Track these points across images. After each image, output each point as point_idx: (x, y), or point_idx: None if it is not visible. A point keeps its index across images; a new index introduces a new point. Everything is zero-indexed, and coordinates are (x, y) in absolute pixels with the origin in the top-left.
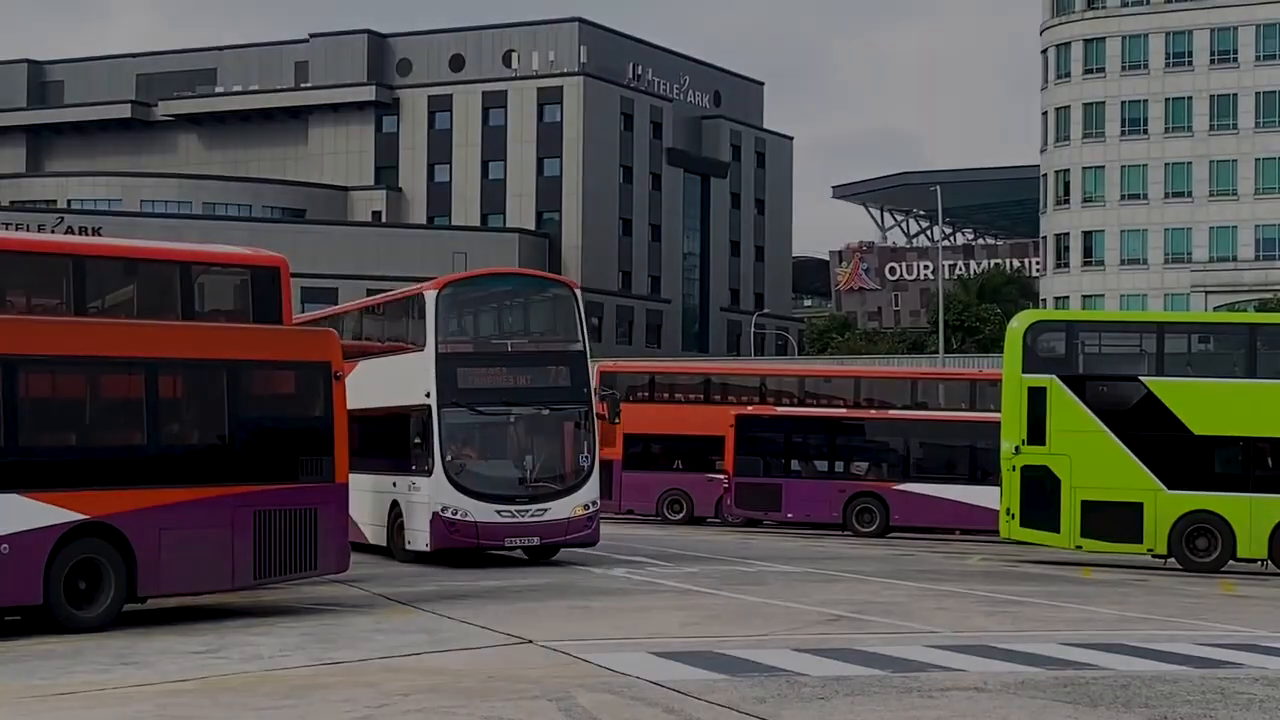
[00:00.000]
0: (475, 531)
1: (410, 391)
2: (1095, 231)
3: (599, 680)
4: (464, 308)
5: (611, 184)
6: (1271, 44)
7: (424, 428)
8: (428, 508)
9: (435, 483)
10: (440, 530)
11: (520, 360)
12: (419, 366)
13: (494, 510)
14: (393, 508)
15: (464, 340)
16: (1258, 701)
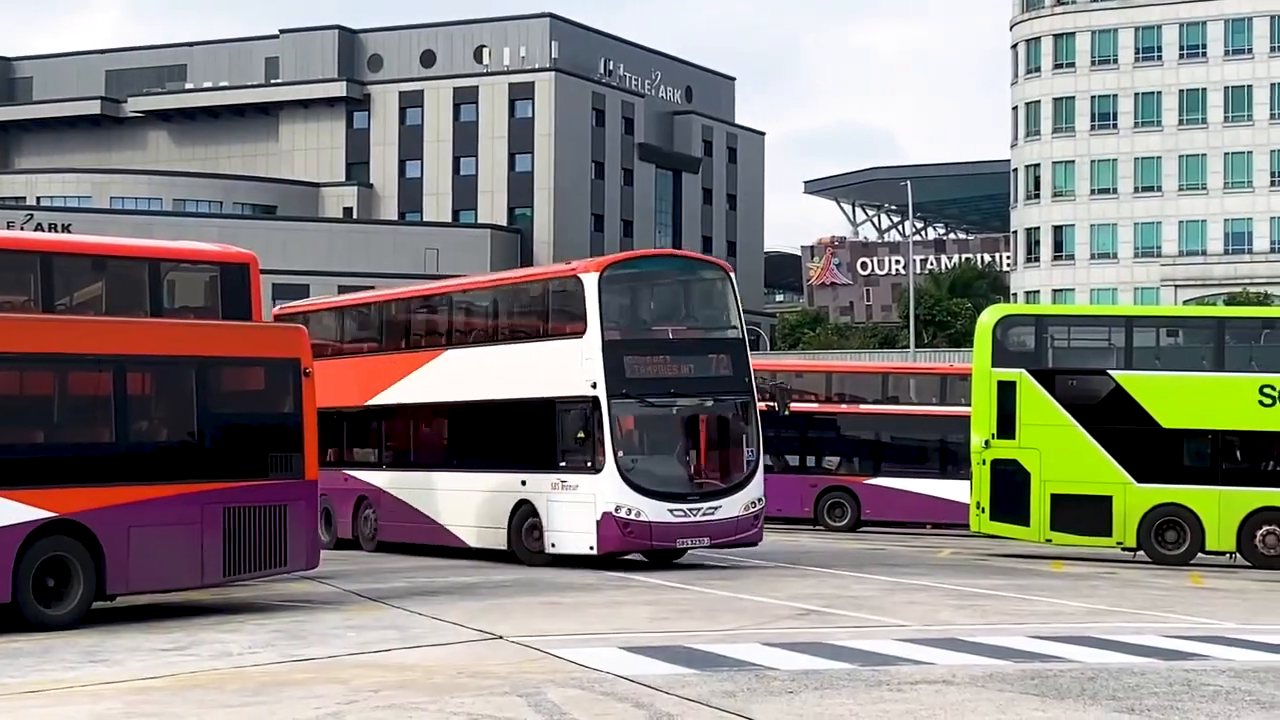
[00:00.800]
0: (649, 532)
1: (558, 381)
2: (1065, 226)
3: (569, 676)
4: (624, 291)
5: (583, 180)
6: (1240, 39)
7: (586, 421)
8: (593, 507)
9: (606, 480)
10: (612, 531)
11: (684, 348)
12: (576, 354)
13: (667, 509)
14: (518, 508)
15: (627, 327)
16: (1224, 693)
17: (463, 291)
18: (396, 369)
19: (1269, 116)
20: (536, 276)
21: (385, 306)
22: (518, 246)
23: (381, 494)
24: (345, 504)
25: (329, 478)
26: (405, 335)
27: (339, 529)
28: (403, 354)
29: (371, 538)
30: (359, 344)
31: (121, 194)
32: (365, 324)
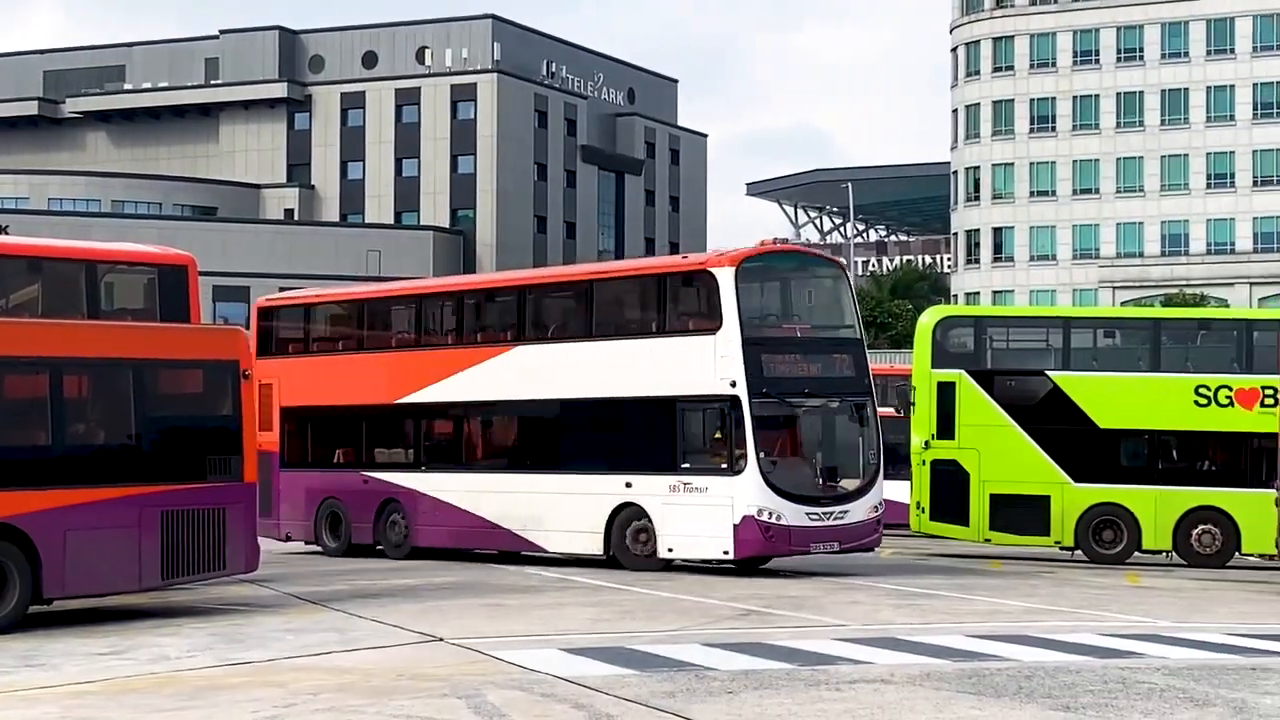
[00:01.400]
0: (788, 537)
1: (681, 379)
2: (1005, 228)
3: (509, 677)
4: (755, 287)
5: (526, 181)
6: (1176, 42)
7: (723, 420)
8: (730, 510)
9: (747, 482)
10: (753, 535)
11: (813, 347)
12: (707, 351)
13: (804, 513)
14: (620, 511)
15: (760, 323)
16: (1158, 691)
17: (539, 285)
18: (442, 365)
19: (1205, 120)
20: (647, 269)
21: (424, 300)
22: (460, 248)
23: (418, 497)
24: (364, 507)
25: (339, 480)
26: (455, 330)
27: (353, 534)
28: (450, 349)
29: (400, 543)
30: (382, 339)
31: (59, 195)
32: (393, 318)
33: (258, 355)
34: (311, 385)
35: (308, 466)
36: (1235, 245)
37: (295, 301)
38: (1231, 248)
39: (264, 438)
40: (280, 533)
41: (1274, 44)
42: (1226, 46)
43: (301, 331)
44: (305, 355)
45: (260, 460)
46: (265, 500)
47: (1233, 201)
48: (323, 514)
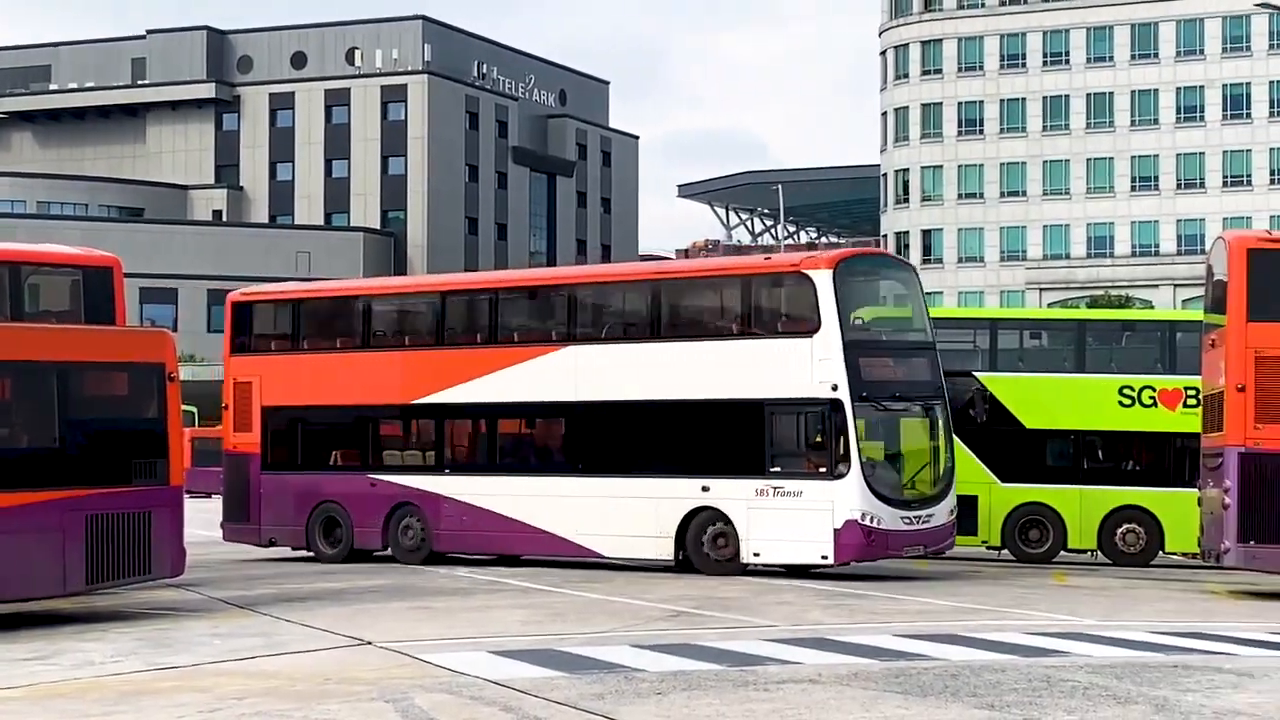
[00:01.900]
0: (886, 541)
1: (773, 382)
2: (934, 230)
3: (437, 681)
4: (849, 290)
5: (457, 183)
6: (1102, 46)
7: (823, 423)
8: (830, 514)
9: (850, 486)
10: (855, 539)
11: (899, 350)
12: (803, 354)
13: (899, 517)
14: (694, 515)
15: (860, 328)
16: (1081, 689)
17: (595, 283)
18: (472, 365)
19: (1129, 123)
20: (729, 270)
21: (450, 297)
22: (391, 250)
23: (440, 500)
24: (371, 511)
25: (338, 482)
26: (488, 328)
27: (356, 538)
28: (483, 349)
29: (416, 548)
30: (394, 337)
31: None
32: (410, 315)
33: (233, 353)
34: (302, 384)
35: (297, 469)
36: (1159, 247)
37: (281, 296)
38: (1155, 250)
39: (241, 439)
40: (261, 538)
41: (1196, 49)
42: (1151, 51)
43: (289, 328)
44: (294, 353)
45: (236, 462)
46: (242, 505)
47: (1156, 204)
48: (316, 518)
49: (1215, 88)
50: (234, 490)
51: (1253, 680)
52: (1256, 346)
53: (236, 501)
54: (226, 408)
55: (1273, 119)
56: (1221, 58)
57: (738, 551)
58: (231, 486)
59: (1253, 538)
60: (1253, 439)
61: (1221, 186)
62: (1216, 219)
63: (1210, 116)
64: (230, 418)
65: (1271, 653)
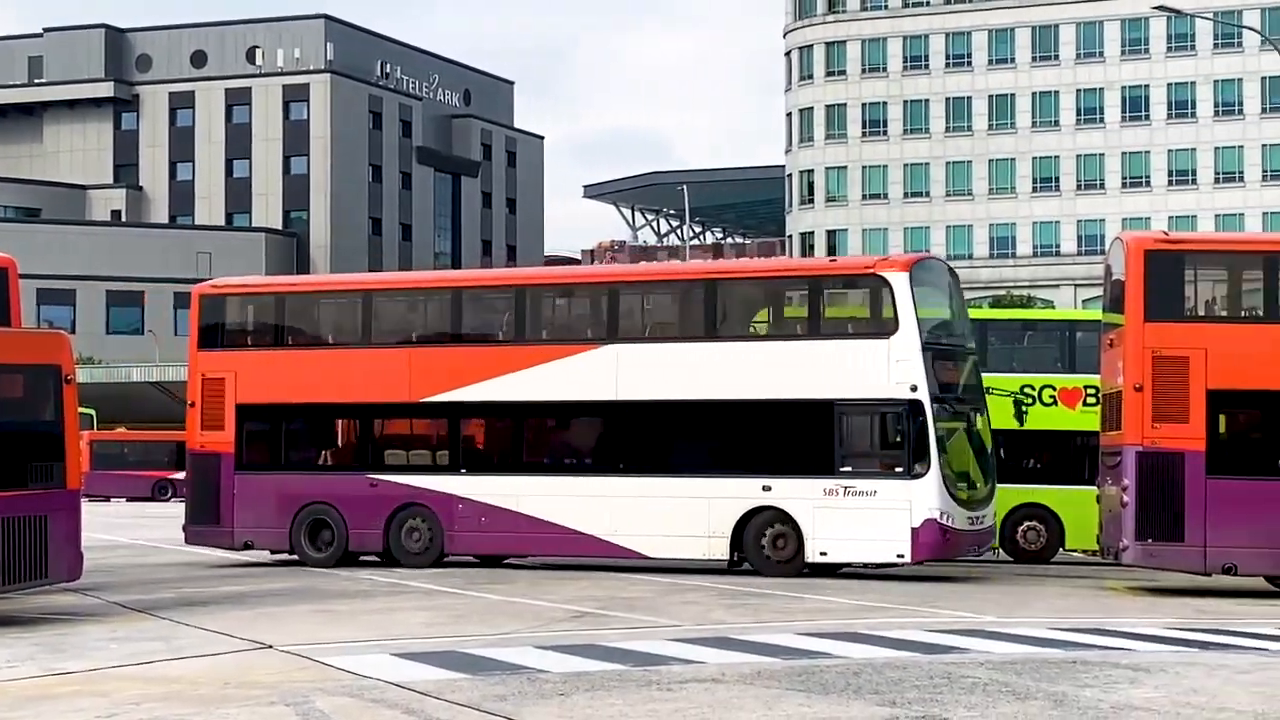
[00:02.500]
0: (958, 540)
1: (846, 382)
2: (839, 230)
3: (339, 684)
4: (921, 293)
5: (360, 183)
6: (1003, 48)
7: (900, 423)
8: (907, 514)
9: (928, 486)
10: (934, 538)
11: (959, 353)
12: (879, 355)
13: (966, 517)
14: (753, 515)
15: (929, 330)
16: (981, 685)
17: (638, 281)
18: (494, 362)
19: (1031, 124)
20: (793, 271)
21: (468, 293)
22: (294, 250)
23: (454, 501)
24: (370, 513)
25: (329, 483)
26: (515, 326)
27: (350, 540)
28: (508, 346)
29: (422, 551)
30: (401, 332)
31: None
32: (420, 311)
33: (202, 347)
34: (287, 380)
35: (279, 469)
36: (1060, 248)
37: (260, 289)
38: (1056, 250)
39: (211, 438)
40: (235, 541)
41: (1096, 51)
42: (1051, 53)
43: (271, 322)
44: (277, 348)
45: (204, 462)
46: (211, 506)
47: (1058, 205)
48: (303, 520)
49: (1115, 90)
50: (201, 491)
51: (1149, 675)
52: (1154, 346)
53: (204, 503)
54: (192, 405)
55: (1170, 121)
56: (1121, 60)
57: (797, 552)
58: (198, 488)
59: (1150, 535)
60: (1150, 438)
61: (1121, 188)
62: (1116, 220)
63: (1110, 118)
64: (197, 416)
65: (1168, 648)
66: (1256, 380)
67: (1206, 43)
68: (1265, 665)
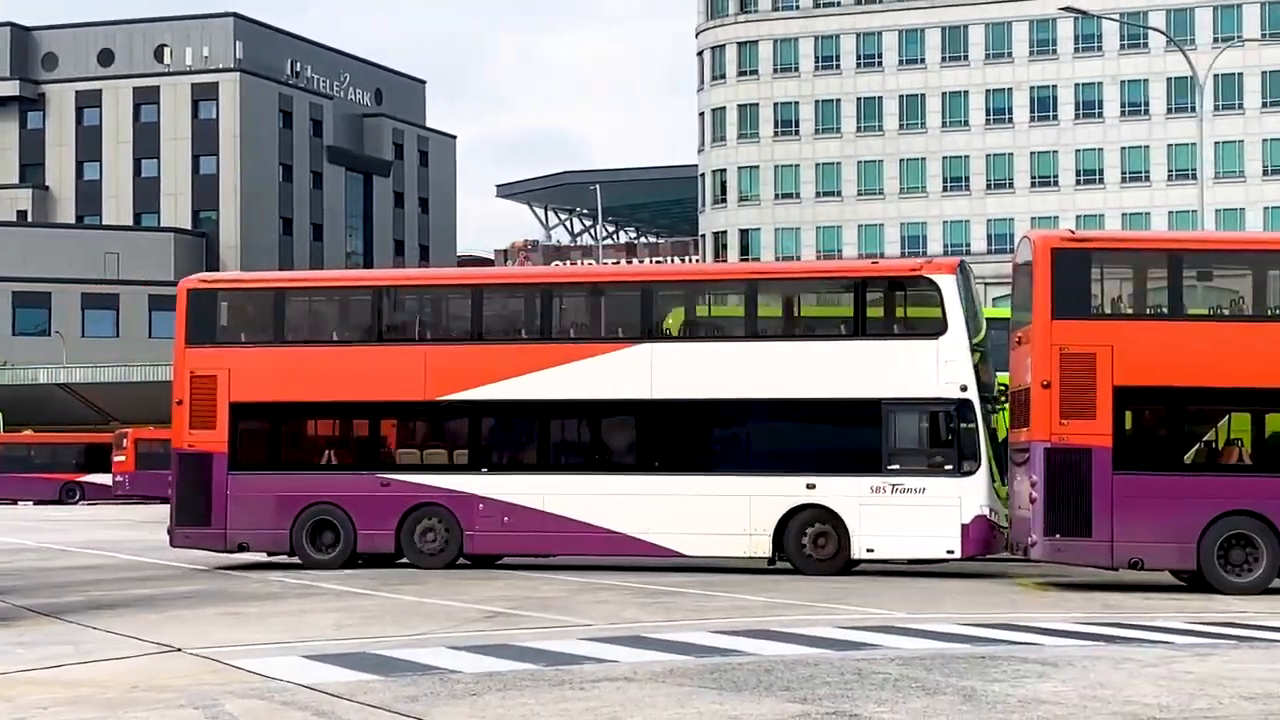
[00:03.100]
0: (1001, 536)
1: (893, 381)
2: (751, 229)
3: (248, 686)
4: (965, 295)
5: (270, 182)
6: (913, 49)
7: (952, 423)
8: (957, 510)
9: (979, 483)
10: (984, 534)
11: (986, 353)
12: (930, 356)
13: (1001, 514)
14: (795, 513)
15: (972, 331)
16: (892, 681)
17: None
18: (518, 360)
19: (941, 124)
20: (836, 272)
21: (489, 291)
22: (203, 250)
23: (474, 500)
24: (380, 513)
25: (334, 482)
26: (541, 323)
27: (359, 541)
28: (534, 345)
29: (438, 552)
30: (415, 330)
31: None
32: (438, 308)
33: (190, 343)
34: (287, 378)
35: (278, 468)
36: (970, 246)
37: (257, 284)
38: (967, 248)
39: (200, 437)
40: (228, 543)
41: (1005, 51)
42: (961, 53)
43: (269, 318)
44: (275, 345)
45: (194, 462)
46: (201, 508)
47: (968, 204)
48: (304, 521)
49: (1023, 90)
50: (189, 492)
51: (1056, 669)
52: (1061, 344)
53: (192, 504)
54: (180, 403)
55: (1078, 121)
56: (1029, 60)
57: (840, 549)
58: (186, 488)
59: (1059, 531)
60: (1058, 434)
61: (1030, 187)
62: (1025, 219)
63: (1019, 118)
64: (185, 414)
65: (1075, 642)
66: (1162, 376)
67: (1113, 44)
68: (1171, 659)
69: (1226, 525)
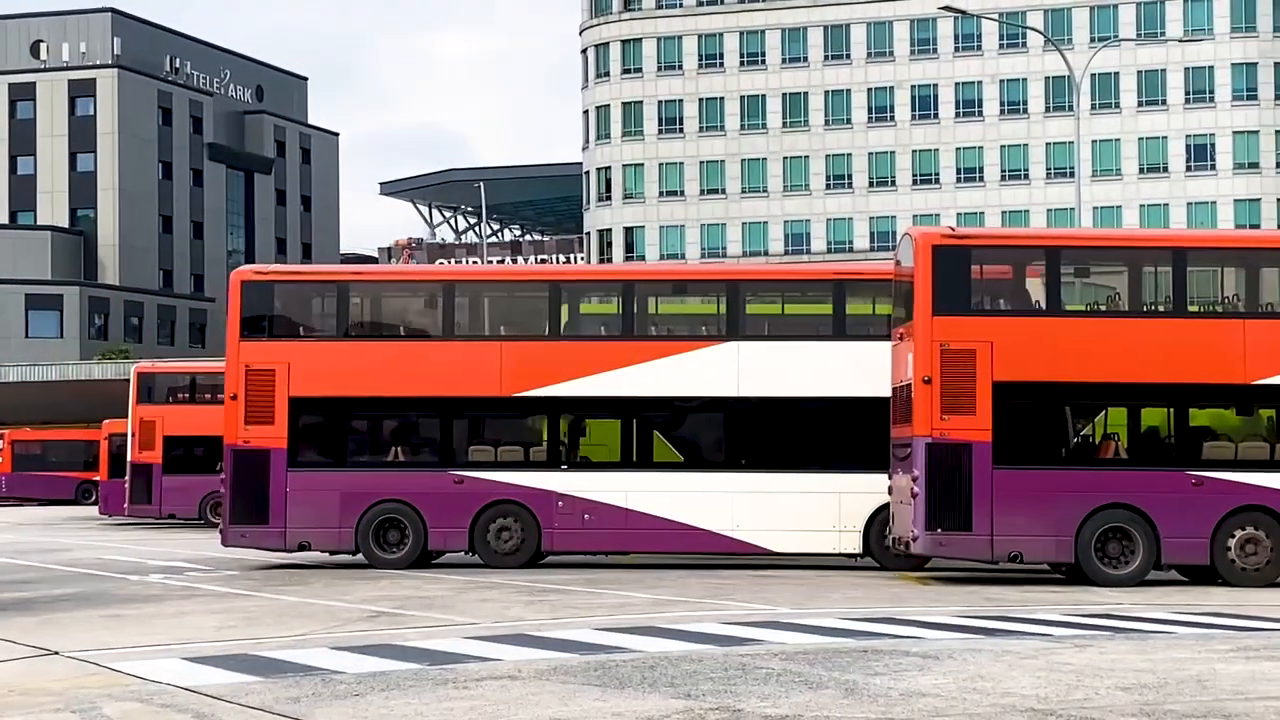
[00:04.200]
0: None
1: None
2: (636, 227)
3: (127, 689)
4: None
5: (150, 180)
6: (796, 47)
7: None
8: None
9: None
10: None
11: None
12: None
13: None
14: (882, 510)
15: None
16: (775, 675)
17: (773, 281)
18: (602, 357)
19: (824, 122)
20: None
21: (569, 286)
22: (81, 249)
23: (554, 498)
24: (453, 511)
25: (404, 480)
26: (623, 321)
27: (429, 539)
28: (614, 342)
29: (513, 551)
30: (489, 326)
31: None
32: (511, 304)
33: (245, 336)
34: (351, 373)
35: (342, 465)
36: (854, 244)
37: (319, 277)
38: (850, 246)
39: (257, 432)
40: (287, 542)
41: (887, 50)
42: (843, 52)
43: (332, 311)
44: (339, 339)
45: (250, 459)
46: (258, 505)
47: (850, 202)
48: (371, 520)
49: (904, 88)
50: (245, 490)
51: (937, 662)
52: (942, 340)
53: (249, 502)
54: (234, 398)
55: (959, 119)
56: (910, 59)
57: None
58: (241, 486)
59: (940, 525)
60: (939, 429)
61: (911, 185)
62: (907, 216)
63: (900, 116)
64: (239, 409)
65: (956, 635)
66: (1040, 372)
67: (993, 43)
68: (1049, 650)
69: (1103, 518)
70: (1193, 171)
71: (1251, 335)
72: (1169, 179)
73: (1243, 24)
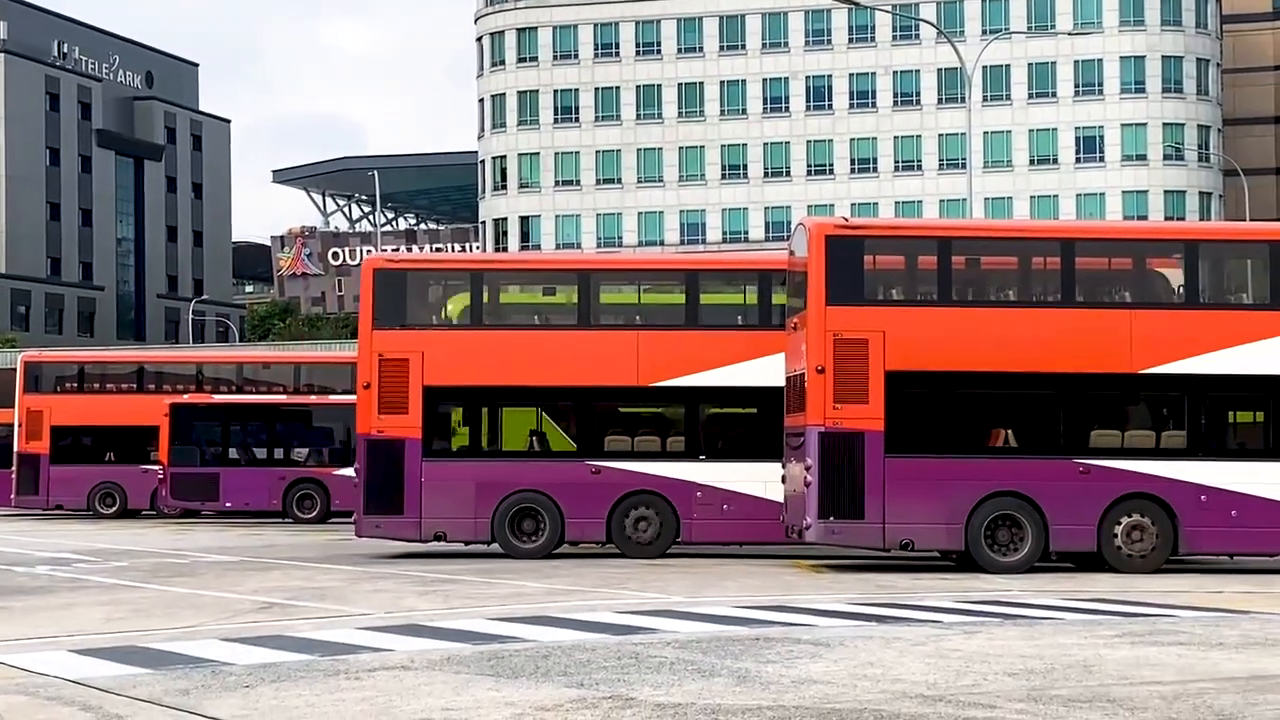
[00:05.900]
0: None
1: None
2: (532, 216)
3: (12, 682)
4: None
5: (37, 167)
6: (692, 37)
7: None
8: None
9: None
10: None
11: None
12: None
13: None
14: None
15: None
16: (668, 664)
17: None
18: (741, 348)
19: (719, 113)
20: None
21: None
22: None
23: (692, 488)
24: (590, 501)
25: (540, 470)
26: (760, 312)
27: (566, 530)
28: (746, 331)
29: (651, 541)
30: (627, 315)
31: None
32: (648, 292)
33: (378, 325)
34: (486, 362)
35: (478, 455)
36: (749, 234)
37: (448, 265)
38: (745, 236)
39: (391, 421)
40: (423, 533)
41: (782, 41)
42: (738, 42)
43: (464, 302)
44: (471, 328)
45: (384, 448)
46: (394, 496)
47: (746, 192)
48: (506, 510)
49: (799, 79)
50: (380, 480)
51: (829, 649)
52: (835, 329)
53: (384, 492)
54: (368, 387)
55: (853, 110)
56: (805, 50)
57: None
58: (377, 475)
59: (832, 514)
60: (832, 419)
61: (806, 175)
62: (802, 206)
63: (795, 107)
64: (373, 398)
65: (847, 622)
66: (932, 362)
67: (886, 35)
68: (938, 637)
69: (993, 506)
70: (1082, 163)
71: (1138, 325)
72: (1059, 170)
73: (1130, 18)
